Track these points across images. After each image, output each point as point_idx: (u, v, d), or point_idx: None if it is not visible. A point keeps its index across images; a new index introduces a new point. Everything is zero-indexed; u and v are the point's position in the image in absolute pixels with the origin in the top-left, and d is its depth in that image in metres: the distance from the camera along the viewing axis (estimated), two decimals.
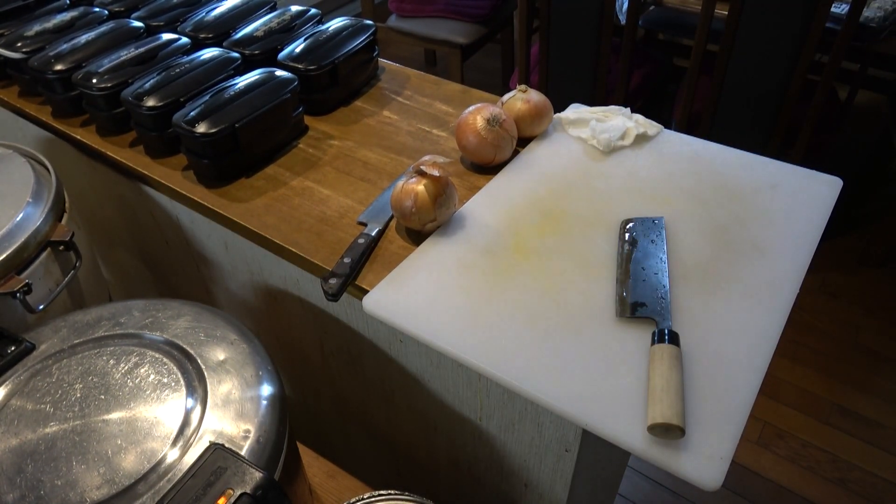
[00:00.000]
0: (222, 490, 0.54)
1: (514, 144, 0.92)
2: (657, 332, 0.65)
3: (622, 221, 0.81)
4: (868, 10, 1.60)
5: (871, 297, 1.89)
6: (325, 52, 1.04)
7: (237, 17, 1.16)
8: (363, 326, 0.88)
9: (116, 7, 1.22)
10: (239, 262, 1.01)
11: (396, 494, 0.69)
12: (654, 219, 0.80)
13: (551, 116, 0.96)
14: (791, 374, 1.71)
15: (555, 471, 0.78)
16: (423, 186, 0.78)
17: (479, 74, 2.98)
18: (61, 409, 0.64)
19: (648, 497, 1.50)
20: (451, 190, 0.80)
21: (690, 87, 1.67)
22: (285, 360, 1.13)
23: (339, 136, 1.02)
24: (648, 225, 0.80)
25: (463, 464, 0.94)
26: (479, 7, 2.38)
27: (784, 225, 0.79)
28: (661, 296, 0.71)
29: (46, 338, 0.72)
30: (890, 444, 1.55)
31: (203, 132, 0.88)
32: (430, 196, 0.78)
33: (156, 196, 1.05)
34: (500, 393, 0.76)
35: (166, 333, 0.72)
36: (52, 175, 0.95)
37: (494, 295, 0.73)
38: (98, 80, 0.99)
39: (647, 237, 0.78)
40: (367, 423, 1.07)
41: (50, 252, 0.89)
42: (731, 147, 0.92)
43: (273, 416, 0.65)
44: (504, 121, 0.89)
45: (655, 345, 0.64)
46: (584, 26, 1.70)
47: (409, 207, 0.78)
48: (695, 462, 0.57)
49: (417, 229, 0.81)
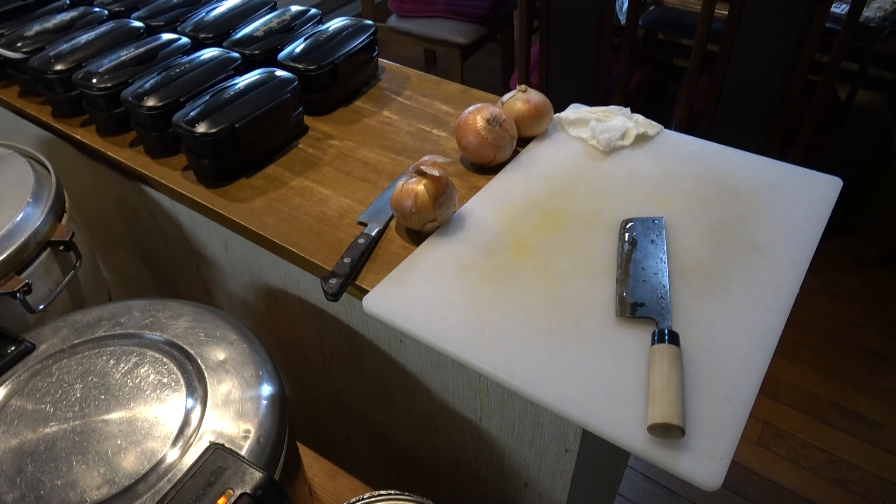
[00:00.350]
0: (222, 490, 0.54)
1: (514, 144, 0.92)
2: (657, 332, 0.65)
3: (622, 221, 0.81)
4: (868, 10, 1.60)
5: (871, 297, 1.89)
6: (325, 52, 1.04)
7: (237, 17, 1.16)
8: (363, 326, 0.88)
9: (116, 7, 1.22)
10: (239, 262, 1.01)
11: (396, 494, 0.69)
12: (654, 219, 0.80)
13: (551, 116, 0.96)
14: (791, 374, 1.71)
15: (555, 471, 0.78)
16: (423, 186, 0.78)
17: (479, 74, 2.98)
18: (61, 409, 0.64)
19: (648, 497, 1.50)
20: (451, 190, 0.80)
21: (690, 87, 1.67)
22: (285, 360, 1.13)
23: (339, 136, 1.02)
24: (648, 225, 0.80)
25: (463, 464, 0.94)
26: (479, 7, 2.38)
27: (784, 225, 0.79)
28: (660, 296, 0.71)
29: (46, 338, 0.72)
30: (890, 444, 1.55)
31: (203, 132, 0.88)
32: (430, 196, 0.78)
33: (156, 196, 1.05)
34: (500, 393, 0.76)
35: (166, 333, 0.72)
36: (52, 175, 0.95)
37: (494, 295, 0.73)
38: (98, 80, 0.99)
39: (647, 237, 0.78)
40: (367, 423, 1.07)
41: (50, 252, 0.89)
42: (731, 147, 0.92)
43: (273, 416, 0.65)
44: (504, 121, 0.89)
45: (655, 345, 0.64)
46: (584, 26, 1.70)
47: (408, 207, 0.78)
48: (695, 462, 0.57)
49: (417, 229, 0.81)
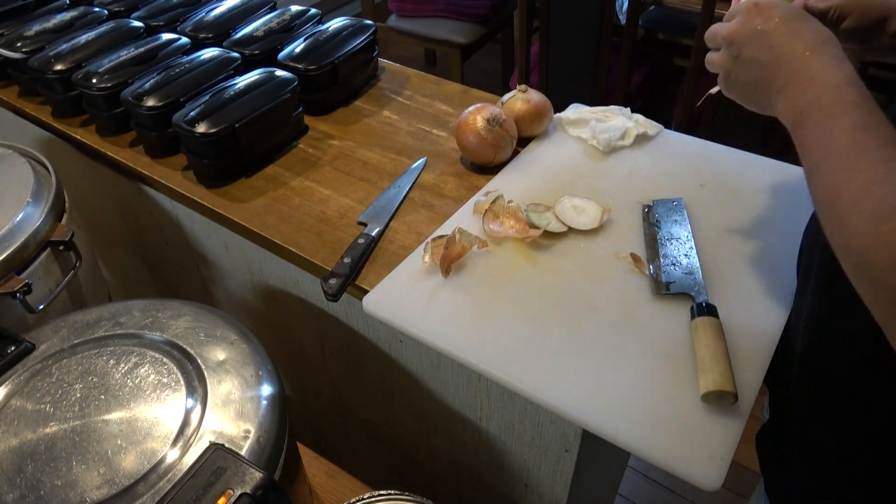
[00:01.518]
0: (222, 490, 0.54)
1: (514, 144, 0.92)
2: (696, 307, 0.67)
3: (643, 206, 0.82)
4: None
5: None
6: (325, 52, 1.04)
7: (237, 17, 1.16)
8: (363, 326, 0.88)
9: (116, 7, 1.22)
10: (239, 262, 1.01)
11: (396, 494, 0.69)
12: (673, 200, 0.82)
13: (551, 116, 0.96)
14: None
15: (555, 471, 0.78)
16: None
17: (479, 74, 2.98)
18: (61, 409, 0.64)
19: (648, 497, 1.50)
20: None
21: (690, 87, 1.67)
22: (285, 360, 1.13)
23: (339, 136, 1.02)
24: (669, 206, 0.82)
25: (463, 464, 0.94)
26: (479, 7, 2.38)
27: (784, 225, 0.79)
28: (692, 271, 0.73)
29: (46, 338, 0.72)
30: None
31: (203, 132, 0.88)
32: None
33: (156, 196, 1.05)
34: (500, 393, 0.76)
35: (166, 333, 0.72)
36: (52, 175, 0.95)
37: (494, 295, 0.73)
38: (98, 80, 0.99)
39: (671, 217, 0.80)
40: (367, 423, 1.07)
41: (50, 252, 0.89)
42: (731, 147, 0.92)
43: (273, 416, 0.65)
44: (504, 121, 0.89)
45: (696, 318, 0.66)
46: (584, 26, 1.70)
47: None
48: (695, 462, 0.57)
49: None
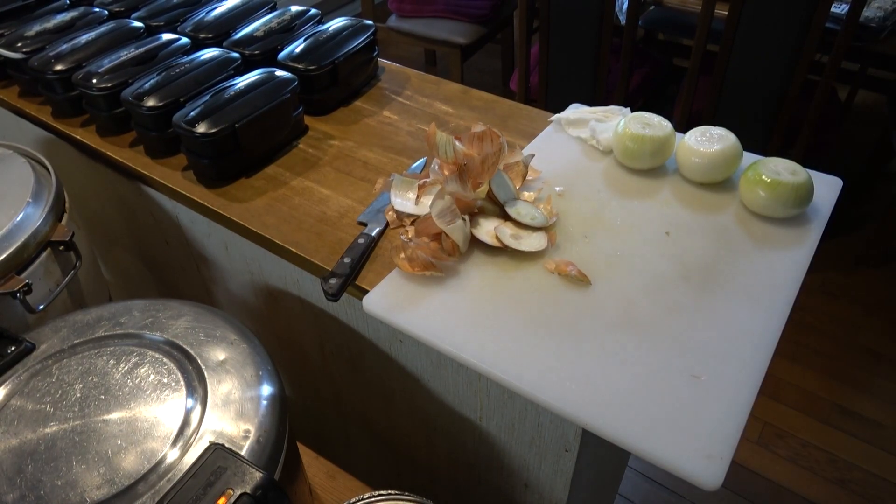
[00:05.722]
0: (222, 490, 0.54)
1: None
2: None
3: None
4: (868, 10, 1.60)
5: (870, 297, 1.89)
6: (325, 52, 1.04)
7: (237, 17, 1.16)
8: (363, 326, 0.88)
9: (116, 7, 1.22)
10: (239, 262, 1.01)
11: (396, 494, 0.69)
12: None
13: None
14: (791, 374, 1.71)
15: (555, 471, 0.78)
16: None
17: (479, 74, 2.98)
18: (61, 409, 0.64)
19: (648, 497, 1.50)
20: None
21: (690, 87, 1.67)
22: (285, 360, 1.13)
23: (339, 136, 1.02)
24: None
25: (463, 464, 0.94)
26: (479, 7, 2.38)
27: (784, 225, 0.79)
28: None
29: (46, 338, 0.72)
30: (890, 444, 1.55)
31: (203, 132, 0.88)
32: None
33: (156, 196, 1.05)
34: (500, 393, 0.76)
35: (166, 333, 0.72)
36: (52, 175, 0.95)
37: (494, 294, 0.73)
38: (98, 81, 0.99)
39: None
40: (367, 423, 1.07)
41: (50, 252, 0.89)
42: None
43: (273, 416, 0.65)
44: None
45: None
46: (584, 26, 1.70)
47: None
48: (695, 462, 0.57)
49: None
